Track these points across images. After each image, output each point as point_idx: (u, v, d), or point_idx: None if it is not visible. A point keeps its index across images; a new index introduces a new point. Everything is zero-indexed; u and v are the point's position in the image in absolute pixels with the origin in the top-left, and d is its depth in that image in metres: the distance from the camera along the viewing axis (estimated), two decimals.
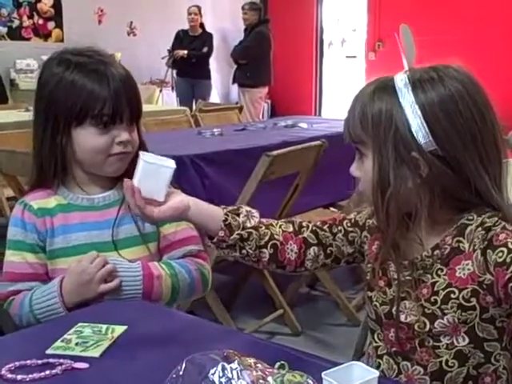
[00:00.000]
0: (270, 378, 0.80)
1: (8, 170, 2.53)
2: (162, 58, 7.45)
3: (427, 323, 1.01)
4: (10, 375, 0.93)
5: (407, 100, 0.98)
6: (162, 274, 1.35)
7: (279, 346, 1.09)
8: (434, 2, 8.23)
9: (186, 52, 7.00)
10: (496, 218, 0.99)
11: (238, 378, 0.78)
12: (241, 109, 5.28)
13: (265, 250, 1.15)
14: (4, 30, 7.16)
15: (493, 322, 1.00)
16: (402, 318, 1.04)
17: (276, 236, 1.16)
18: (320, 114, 9.69)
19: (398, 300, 1.05)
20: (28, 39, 7.36)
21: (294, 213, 2.93)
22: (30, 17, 7.36)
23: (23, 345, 1.08)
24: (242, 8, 7.15)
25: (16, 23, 7.26)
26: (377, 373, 0.83)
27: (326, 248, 1.19)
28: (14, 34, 7.23)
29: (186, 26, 7.32)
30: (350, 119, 1.06)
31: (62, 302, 1.28)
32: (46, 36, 7.51)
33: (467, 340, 1.00)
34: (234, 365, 0.79)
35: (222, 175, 2.71)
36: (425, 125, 0.97)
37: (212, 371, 0.79)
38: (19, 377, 0.92)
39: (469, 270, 0.98)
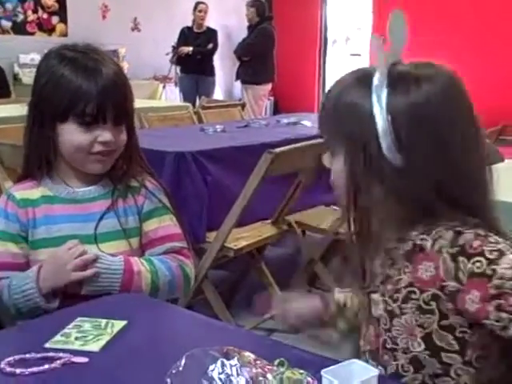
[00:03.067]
0: (269, 375, 0.80)
1: (10, 164, 2.53)
2: (166, 54, 7.44)
3: (387, 320, 0.99)
4: (9, 369, 0.93)
5: (379, 104, 0.94)
6: (142, 270, 1.35)
7: (279, 342, 1.09)
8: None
9: (190, 49, 6.99)
10: (468, 225, 0.92)
11: (238, 375, 0.78)
12: (244, 106, 5.28)
13: None
14: (8, 24, 7.16)
15: (452, 331, 0.93)
16: (373, 310, 1.02)
17: None
18: None
19: (367, 295, 1.03)
20: (32, 34, 7.36)
21: (295, 210, 2.93)
22: (35, 11, 7.36)
23: (22, 338, 1.08)
24: (246, 5, 7.15)
25: (20, 17, 7.26)
26: (377, 371, 0.83)
27: None
28: (19, 29, 7.23)
29: (190, 23, 7.31)
30: (323, 110, 1.02)
31: (38, 288, 1.28)
32: (50, 30, 7.51)
33: (423, 346, 0.95)
34: (234, 361, 0.79)
35: (224, 172, 2.71)
36: (392, 135, 0.93)
37: (211, 367, 0.79)
38: (18, 370, 0.92)
39: (431, 272, 0.93)
